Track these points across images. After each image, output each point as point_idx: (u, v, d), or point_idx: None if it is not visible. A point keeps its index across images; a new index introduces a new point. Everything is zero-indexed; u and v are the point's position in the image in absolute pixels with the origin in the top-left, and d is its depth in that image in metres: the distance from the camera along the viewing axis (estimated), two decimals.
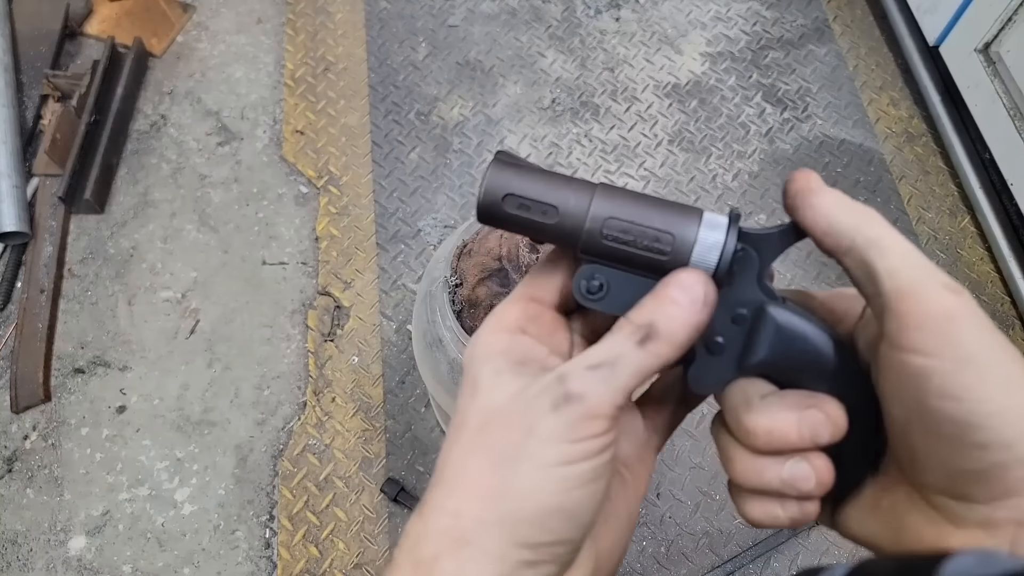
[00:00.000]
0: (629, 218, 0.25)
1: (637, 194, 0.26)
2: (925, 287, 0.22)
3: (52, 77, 1.26)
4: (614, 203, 0.25)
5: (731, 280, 0.25)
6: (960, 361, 0.21)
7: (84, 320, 1.11)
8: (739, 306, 0.25)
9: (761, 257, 0.25)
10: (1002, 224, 1.14)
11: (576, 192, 0.26)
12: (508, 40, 1.36)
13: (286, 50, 1.36)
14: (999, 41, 1.13)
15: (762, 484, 0.25)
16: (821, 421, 0.24)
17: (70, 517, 0.97)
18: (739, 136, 1.27)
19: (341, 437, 1.02)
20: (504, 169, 0.26)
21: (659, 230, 0.25)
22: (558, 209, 0.25)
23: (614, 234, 0.25)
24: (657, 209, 0.25)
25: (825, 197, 0.24)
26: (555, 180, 0.26)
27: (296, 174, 1.24)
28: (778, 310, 0.25)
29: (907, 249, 0.22)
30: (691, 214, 0.25)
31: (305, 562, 0.94)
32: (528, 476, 0.23)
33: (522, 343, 0.27)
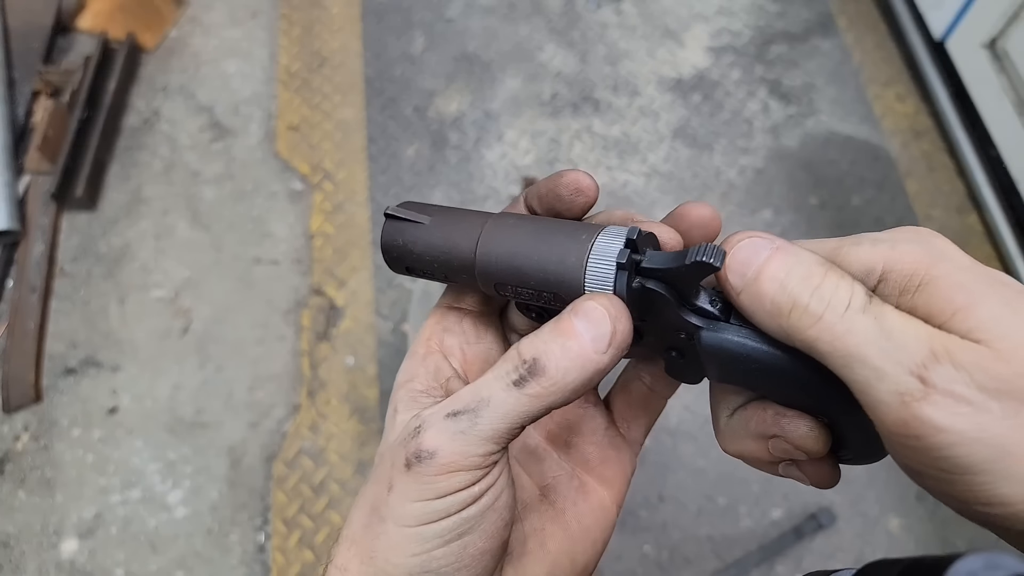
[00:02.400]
0: (514, 282, 0.24)
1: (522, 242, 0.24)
2: (879, 401, 0.18)
3: (44, 73, 1.24)
4: (494, 266, 0.24)
5: (649, 313, 0.23)
6: (947, 472, 0.18)
7: (75, 319, 1.10)
8: (674, 331, 0.23)
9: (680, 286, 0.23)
10: (1010, 222, 1.12)
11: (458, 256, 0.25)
12: (507, 33, 1.34)
13: (280, 44, 1.34)
14: (1005, 36, 1.11)
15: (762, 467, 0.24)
16: (787, 448, 0.22)
17: (62, 520, 0.96)
18: (743, 131, 1.25)
19: (336, 439, 1.00)
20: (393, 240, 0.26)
21: (545, 291, 0.23)
22: (448, 276, 0.25)
23: (509, 295, 0.24)
24: (539, 266, 0.23)
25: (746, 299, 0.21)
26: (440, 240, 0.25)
27: (290, 170, 1.22)
28: (710, 336, 0.22)
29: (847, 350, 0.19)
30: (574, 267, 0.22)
31: (300, 566, 0.92)
32: (391, 536, 0.21)
33: (429, 366, 0.25)
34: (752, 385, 0.23)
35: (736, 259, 0.21)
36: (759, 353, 0.22)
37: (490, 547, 0.22)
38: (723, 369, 0.23)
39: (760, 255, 0.21)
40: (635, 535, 0.93)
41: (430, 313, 0.27)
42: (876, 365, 0.18)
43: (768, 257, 0.21)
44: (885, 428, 0.18)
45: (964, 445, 0.17)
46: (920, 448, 0.18)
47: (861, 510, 0.94)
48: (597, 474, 0.27)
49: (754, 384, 0.23)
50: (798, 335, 0.20)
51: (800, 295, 0.20)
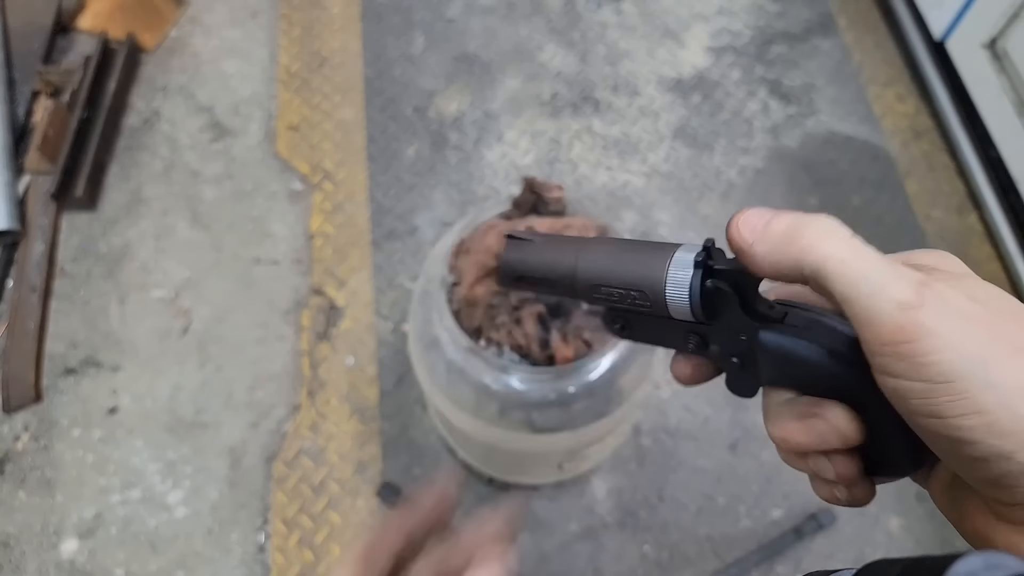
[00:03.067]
0: (608, 283, 0.29)
1: (615, 252, 0.29)
2: (877, 311, 0.21)
3: (44, 73, 1.24)
4: (592, 271, 0.30)
5: (717, 312, 0.27)
6: (931, 381, 0.20)
7: (75, 319, 1.10)
8: (737, 332, 0.27)
9: (743, 287, 0.27)
10: (1010, 222, 1.12)
11: (563, 266, 0.30)
12: (507, 33, 1.34)
13: (280, 44, 1.34)
14: (1005, 36, 1.11)
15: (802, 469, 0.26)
16: (824, 429, 0.25)
17: (62, 520, 0.96)
18: (743, 131, 1.25)
19: (336, 440, 1.00)
20: (512, 253, 0.32)
21: (633, 290, 0.28)
22: (554, 282, 0.31)
23: (601, 296, 0.29)
24: (629, 269, 0.29)
25: (760, 246, 0.23)
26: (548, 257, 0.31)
27: (290, 170, 1.22)
28: (769, 336, 0.26)
29: (853, 267, 0.21)
30: (658, 268, 0.28)
31: (300, 566, 0.92)
32: None
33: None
34: (800, 384, 0.26)
35: (746, 219, 0.24)
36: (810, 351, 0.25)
37: None
38: (777, 367, 0.26)
39: (763, 213, 0.24)
40: (635, 535, 0.93)
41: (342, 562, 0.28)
42: (879, 278, 0.21)
43: (770, 211, 0.24)
44: (882, 338, 0.21)
45: (951, 350, 0.20)
46: (910, 354, 0.20)
47: (861, 510, 0.94)
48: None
49: (802, 383, 0.26)
50: (810, 255, 0.22)
51: (803, 226, 0.23)
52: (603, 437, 0.78)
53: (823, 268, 0.22)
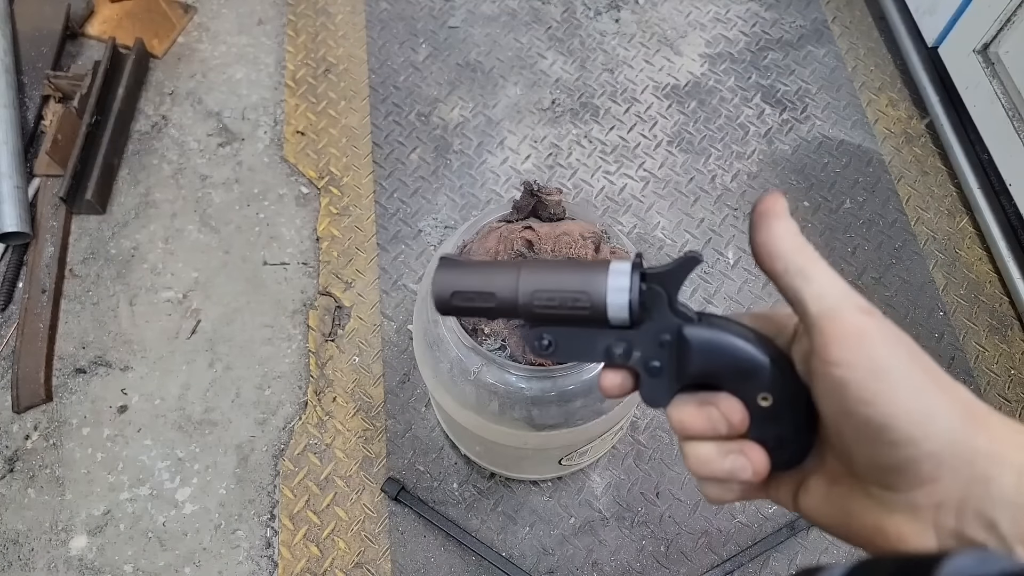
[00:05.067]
0: (550, 288, 0.31)
1: (555, 264, 0.32)
2: (842, 310, 0.26)
3: (53, 78, 1.26)
4: (535, 278, 0.32)
5: (649, 314, 0.30)
6: (871, 372, 0.25)
7: (85, 320, 1.12)
8: (661, 333, 0.30)
9: (668, 288, 0.30)
10: (1001, 225, 1.15)
11: (505, 277, 0.32)
12: (508, 41, 1.37)
13: (287, 51, 1.37)
14: (998, 42, 1.14)
15: (713, 475, 0.30)
16: (716, 416, 0.30)
17: (71, 517, 0.98)
18: (738, 137, 1.28)
19: (342, 437, 1.02)
20: (446, 272, 0.33)
21: (575, 291, 0.30)
22: (495, 294, 0.32)
23: (543, 303, 0.31)
24: (571, 275, 0.31)
25: (779, 225, 0.28)
26: (487, 271, 0.33)
27: (297, 175, 1.24)
28: (692, 329, 0.30)
29: (830, 278, 0.27)
30: (599, 272, 0.30)
31: (306, 561, 0.94)
32: None
33: None
34: (712, 371, 0.30)
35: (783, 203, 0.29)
36: (728, 339, 0.29)
37: None
38: (700, 358, 0.30)
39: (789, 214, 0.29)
40: (633, 529, 0.95)
41: None
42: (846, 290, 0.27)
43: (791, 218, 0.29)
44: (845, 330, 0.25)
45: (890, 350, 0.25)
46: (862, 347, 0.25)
47: None
48: None
49: (719, 372, 0.30)
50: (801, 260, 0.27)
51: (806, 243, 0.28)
52: (602, 434, 0.80)
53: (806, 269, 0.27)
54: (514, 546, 0.94)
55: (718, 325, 0.30)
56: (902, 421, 0.24)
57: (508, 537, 0.95)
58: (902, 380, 0.24)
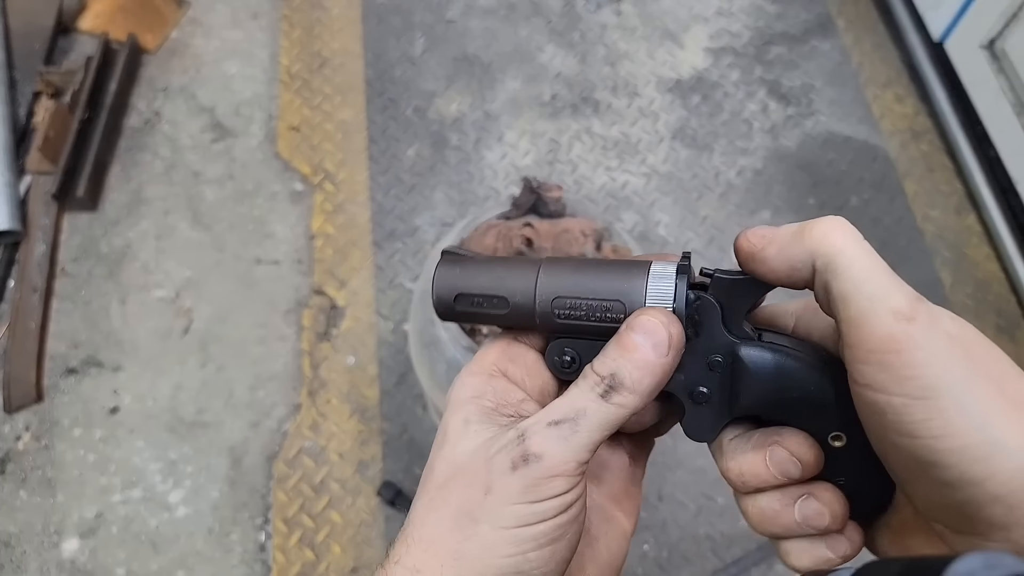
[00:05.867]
0: (574, 294, 0.25)
1: (582, 264, 0.26)
2: (873, 315, 0.20)
3: (45, 73, 1.25)
4: (557, 281, 0.25)
5: (698, 328, 0.25)
6: (910, 396, 0.20)
7: (77, 319, 1.10)
8: (712, 353, 0.25)
9: (729, 302, 0.25)
10: (1008, 223, 1.13)
11: (521, 278, 0.26)
12: (507, 34, 1.35)
13: (281, 45, 1.35)
14: (1004, 37, 1.12)
15: (784, 529, 0.25)
16: (785, 458, 0.24)
17: (63, 519, 0.96)
18: (742, 132, 1.26)
19: (337, 439, 1.01)
20: (450, 269, 0.27)
21: (606, 299, 0.25)
22: (507, 300, 0.26)
23: (565, 312, 0.25)
24: (601, 278, 0.25)
25: (772, 247, 0.23)
26: (499, 269, 0.27)
27: (291, 171, 1.22)
28: (751, 351, 0.24)
29: (860, 268, 0.21)
30: (637, 276, 0.25)
31: (300, 566, 0.93)
32: (485, 537, 0.22)
33: (497, 387, 0.26)
34: (774, 403, 0.25)
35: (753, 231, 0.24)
36: (791, 365, 0.24)
37: (569, 557, 0.24)
38: (755, 386, 0.24)
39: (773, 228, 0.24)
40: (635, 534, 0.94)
41: (494, 340, 0.28)
42: (881, 285, 0.21)
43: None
44: (870, 343, 0.20)
45: (934, 366, 0.20)
46: (896, 365, 0.20)
47: None
48: (621, 506, 0.29)
49: (776, 401, 0.25)
50: (823, 245, 0.22)
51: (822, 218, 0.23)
52: None
53: (834, 260, 0.21)
54: None
55: (782, 345, 0.25)
56: (956, 458, 0.19)
57: None
58: (955, 405, 0.19)
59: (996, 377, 0.20)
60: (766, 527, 0.25)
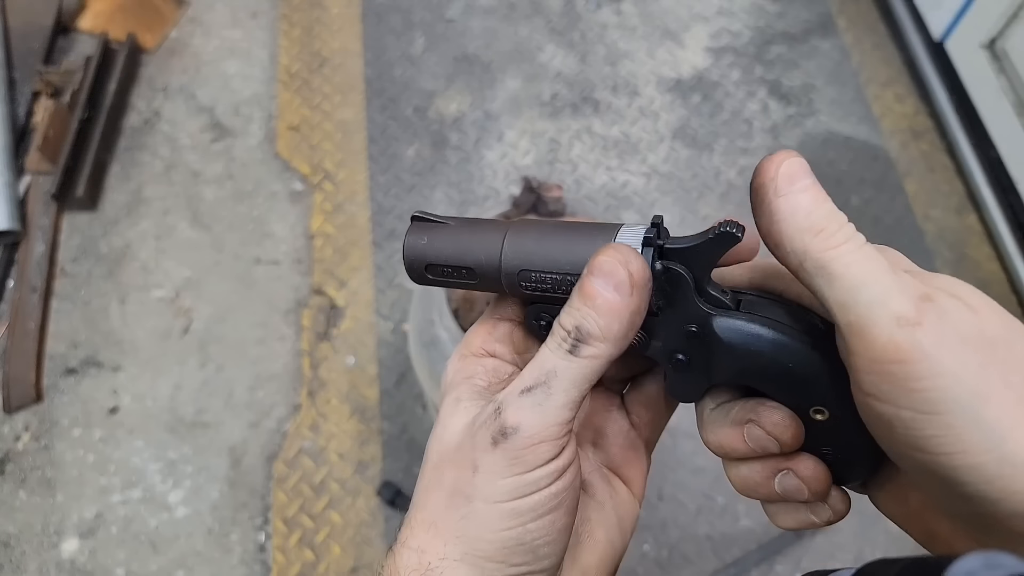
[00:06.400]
0: (539, 267, 0.25)
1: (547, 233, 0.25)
2: (873, 322, 0.19)
3: (44, 73, 1.24)
4: (522, 253, 0.25)
5: (669, 299, 0.24)
6: (918, 411, 0.18)
7: (76, 320, 1.10)
8: (687, 323, 0.24)
9: (696, 268, 0.23)
10: (1009, 223, 1.12)
11: (486, 249, 0.25)
12: (507, 34, 1.34)
13: (281, 45, 1.34)
14: (1005, 36, 1.11)
15: (767, 497, 0.25)
16: (761, 436, 0.23)
17: (63, 519, 0.96)
18: (743, 131, 1.25)
19: (336, 439, 1.00)
20: (418, 238, 0.27)
21: (570, 273, 0.24)
22: (474, 270, 0.26)
23: (531, 284, 0.25)
24: (565, 248, 0.24)
25: (784, 203, 0.21)
26: (465, 239, 0.26)
27: (290, 171, 1.22)
28: (725, 322, 0.23)
29: (860, 271, 0.19)
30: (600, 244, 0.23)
31: (300, 566, 0.93)
32: (481, 513, 0.22)
33: (488, 365, 0.26)
34: (751, 376, 0.24)
35: (790, 165, 0.22)
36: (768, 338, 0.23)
37: (570, 523, 0.23)
38: (734, 358, 0.23)
39: (807, 177, 0.22)
40: (635, 534, 0.93)
41: (480, 321, 0.28)
42: (882, 289, 0.19)
43: (812, 182, 0.22)
44: (873, 353, 0.19)
45: (944, 377, 0.18)
46: (901, 376, 0.18)
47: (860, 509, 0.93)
48: (621, 473, 0.28)
49: (754, 375, 0.24)
50: (816, 253, 0.20)
51: (830, 222, 0.21)
52: None
53: (828, 266, 0.20)
54: None
55: (762, 314, 0.23)
56: (973, 475, 0.18)
57: None
58: (967, 420, 0.17)
59: (1018, 382, 0.18)
60: (749, 494, 0.25)
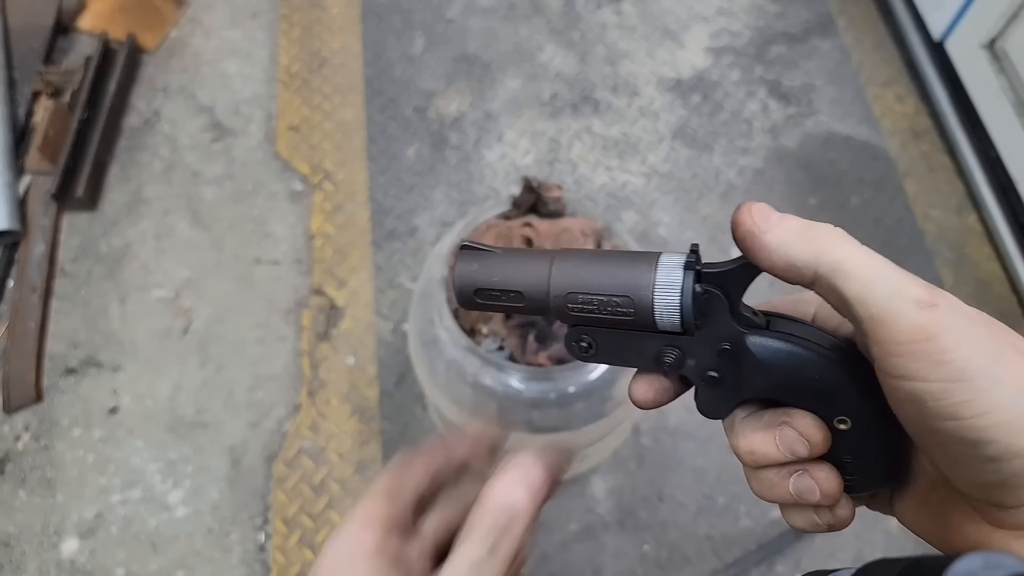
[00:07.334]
0: (585, 290, 0.27)
1: (593, 258, 0.27)
2: (896, 309, 0.21)
3: (44, 73, 1.24)
4: (569, 277, 0.27)
5: (706, 319, 0.26)
6: (948, 380, 0.20)
7: (76, 319, 1.10)
8: (721, 341, 0.26)
9: (729, 291, 0.26)
10: (1009, 222, 1.13)
11: (535, 274, 0.27)
12: (507, 34, 1.34)
13: (281, 45, 1.34)
14: (1005, 36, 1.11)
15: (780, 498, 0.26)
16: (793, 438, 0.25)
17: (62, 519, 0.96)
18: (743, 131, 1.25)
19: (336, 439, 1.00)
20: (468, 264, 0.29)
21: (615, 295, 0.26)
22: (523, 294, 0.28)
23: (578, 306, 0.27)
24: (611, 273, 0.26)
25: (774, 235, 0.23)
26: (514, 265, 0.28)
27: (290, 171, 1.22)
28: (757, 340, 0.26)
29: (870, 269, 0.22)
30: (644, 269, 0.26)
31: (300, 565, 0.93)
32: None
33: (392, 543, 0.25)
34: (782, 389, 0.26)
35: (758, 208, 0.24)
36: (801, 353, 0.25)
37: None
38: (764, 374, 0.26)
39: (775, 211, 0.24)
40: (635, 534, 0.93)
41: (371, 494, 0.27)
42: (896, 281, 0.21)
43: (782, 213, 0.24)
44: (900, 336, 0.21)
45: (965, 347, 0.20)
46: (929, 352, 0.20)
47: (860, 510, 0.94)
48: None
49: (788, 390, 0.26)
50: (828, 255, 0.22)
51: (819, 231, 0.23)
52: (603, 437, 0.78)
53: (841, 267, 0.22)
54: None
55: (789, 332, 0.25)
56: (1001, 432, 0.20)
57: None
58: (992, 382, 0.20)
59: (1018, 350, 0.21)
60: (764, 494, 0.26)
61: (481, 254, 0.29)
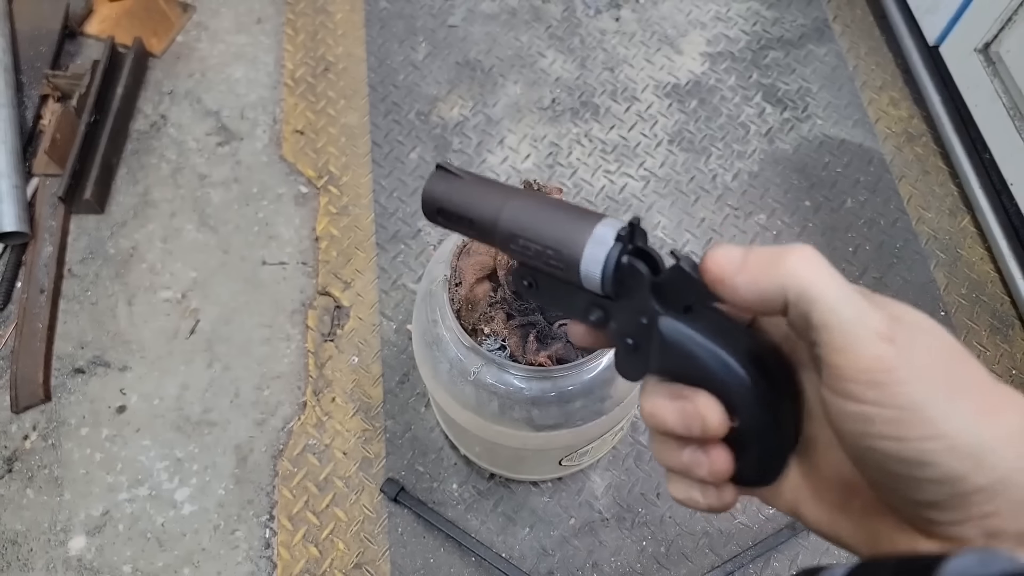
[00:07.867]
0: (527, 237, 0.28)
1: (545, 209, 0.29)
2: (857, 340, 0.21)
3: (52, 77, 1.26)
4: (516, 221, 0.29)
5: (627, 290, 0.27)
6: (900, 408, 0.21)
7: (84, 320, 1.11)
8: (640, 314, 0.27)
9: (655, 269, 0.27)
10: (1002, 224, 1.14)
11: (488, 210, 0.30)
12: (508, 40, 1.36)
13: (286, 50, 1.36)
14: (999, 41, 1.13)
15: (671, 466, 0.27)
16: (692, 413, 0.26)
17: (70, 517, 0.97)
18: (739, 136, 1.27)
19: (341, 437, 1.02)
20: (436, 184, 0.31)
21: (550, 247, 0.28)
22: (474, 225, 0.30)
23: (519, 248, 0.29)
24: (552, 226, 0.28)
25: (742, 277, 0.23)
26: (473, 196, 0.30)
27: (296, 174, 1.24)
28: (669, 323, 0.26)
29: (836, 297, 0.22)
30: (581, 230, 0.27)
31: (305, 562, 0.94)
32: None
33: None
34: (681, 373, 0.27)
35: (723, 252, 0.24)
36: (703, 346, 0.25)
37: None
38: (668, 358, 0.27)
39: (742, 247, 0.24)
40: (633, 531, 0.95)
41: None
42: (858, 309, 0.22)
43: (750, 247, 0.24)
44: (859, 365, 0.21)
45: (923, 380, 0.21)
46: (887, 383, 0.21)
47: None
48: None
49: (687, 376, 0.26)
50: (795, 278, 0.22)
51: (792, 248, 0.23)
52: (602, 434, 0.80)
53: (807, 292, 0.22)
54: (514, 547, 0.94)
55: (704, 323, 0.26)
56: (943, 456, 0.20)
57: (508, 538, 0.94)
58: (943, 413, 0.20)
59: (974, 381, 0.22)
60: (660, 458, 0.28)
61: (450, 177, 0.31)
